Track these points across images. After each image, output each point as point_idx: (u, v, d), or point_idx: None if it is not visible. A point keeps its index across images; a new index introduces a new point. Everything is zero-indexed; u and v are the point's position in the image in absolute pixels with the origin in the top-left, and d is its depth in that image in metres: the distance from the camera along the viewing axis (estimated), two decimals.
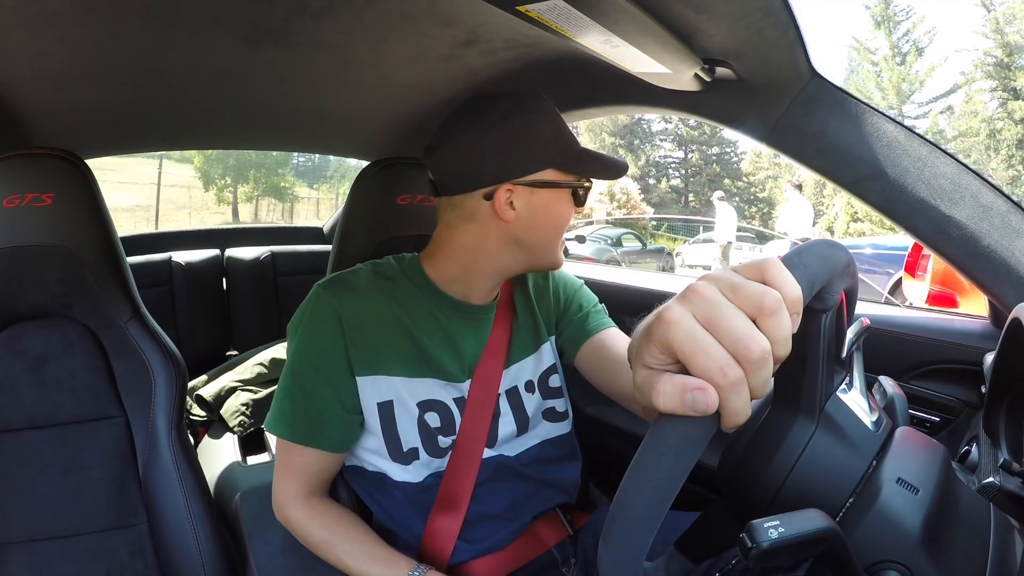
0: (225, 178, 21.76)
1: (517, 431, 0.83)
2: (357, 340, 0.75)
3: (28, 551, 0.88)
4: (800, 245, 0.37)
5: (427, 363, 0.78)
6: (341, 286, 0.77)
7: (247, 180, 22.34)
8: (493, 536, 0.80)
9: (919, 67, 21.84)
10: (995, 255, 0.72)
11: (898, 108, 21.81)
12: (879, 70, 22.40)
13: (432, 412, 0.78)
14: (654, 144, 31.42)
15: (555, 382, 0.89)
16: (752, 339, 0.30)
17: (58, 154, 0.93)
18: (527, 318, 0.88)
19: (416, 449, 0.77)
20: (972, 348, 0.87)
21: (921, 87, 21.89)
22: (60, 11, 0.76)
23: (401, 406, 0.76)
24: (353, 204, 1.08)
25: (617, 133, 30.49)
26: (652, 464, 0.32)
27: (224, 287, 2.13)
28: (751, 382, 0.30)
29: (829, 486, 0.43)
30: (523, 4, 0.57)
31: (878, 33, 22.16)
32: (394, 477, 0.78)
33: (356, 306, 0.76)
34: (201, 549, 0.93)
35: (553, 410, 0.87)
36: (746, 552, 0.35)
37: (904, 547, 0.40)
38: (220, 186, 21.74)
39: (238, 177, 21.99)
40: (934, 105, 21.47)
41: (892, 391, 0.55)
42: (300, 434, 0.75)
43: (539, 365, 0.88)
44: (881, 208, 0.78)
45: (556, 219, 0.76)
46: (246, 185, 22.56)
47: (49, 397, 0.92)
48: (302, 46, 0.94)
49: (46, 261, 0.92)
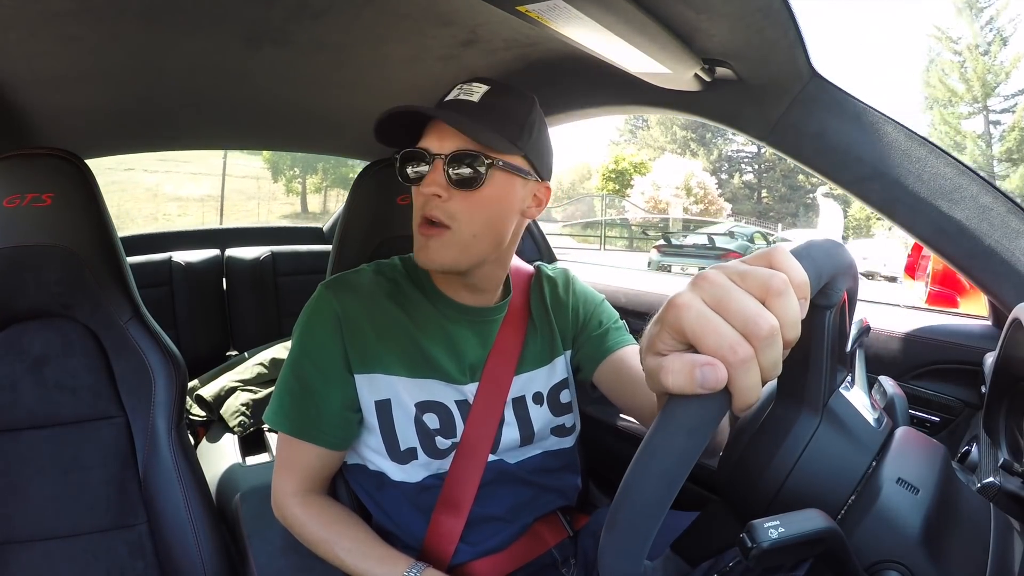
0: (294, 169, 21.68)
1: (520, 442, 0.82)
2: (355, 339, 0.75)
3: (28, 551, 0.88)
4: (807, 241, 0.38)
5: (428, 364, 0.78)
6: (342, 286, 0.77)
7: (315, 171, 22.16)
8: (494, 537, 0.80)
9: (1004, 57, 20.81)
10: (995, 255, 0.72)
11: (983, 101, 20.94)
12: (962, 60, 21.39)
13: (431, 413, 0.77)
14: (727, 138, 30.56)
15: (565, 397, 0.87)
16: (761, 316, 0.31)
17: (58, 154, 0.93)
18: (544, 328, 0.87)
19: (414, 449, 0.77)
20: (972, 348, 0.87)
21: (1007, 79, 20.89)
22: (60, 11, 0.76)
23: (398, 405, 0.76)
24: (353, 204, 1.08)
25: (688, 127, 29.64)
26: (662, 446, 0.31)
27: (224, 287, 2.13)
28: (761, 360, 0.31)
29: (831, 484, 0.43)
30: (523, 4, 0.57)
31: (960, 20, 21.23)
32: (392, 476, 0.78)
33: (356, 306, 0.76)
34: (201, 549, 0.93)
35: (562, 426, 0.86)
36: (746, 552, 0.35)
37: (904, 547, 0.40)
38: (289, 177, 21.81)
39: (307, 168, 21.82)
40: (1020, 99, 20.59)
41: (892, 391, 0.55)
42: (298, 428, 0.76)
43: (551, 378, 0.86)
44: (881, 208, 0.78)
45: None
46: (314, 176, 22.41)
47: (49, 397, 0.92)
48: (302, 46, 0.94)
49: (46, 261, 0.92)
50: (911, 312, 1.04)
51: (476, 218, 0.71)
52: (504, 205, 0.73)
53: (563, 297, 0.90)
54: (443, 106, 0.72)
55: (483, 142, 0.68)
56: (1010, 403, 0.64)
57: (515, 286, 0.87)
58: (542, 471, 0.85)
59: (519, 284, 0.88)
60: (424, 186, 0.69)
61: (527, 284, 0.89)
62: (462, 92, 0.72)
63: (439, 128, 0.70)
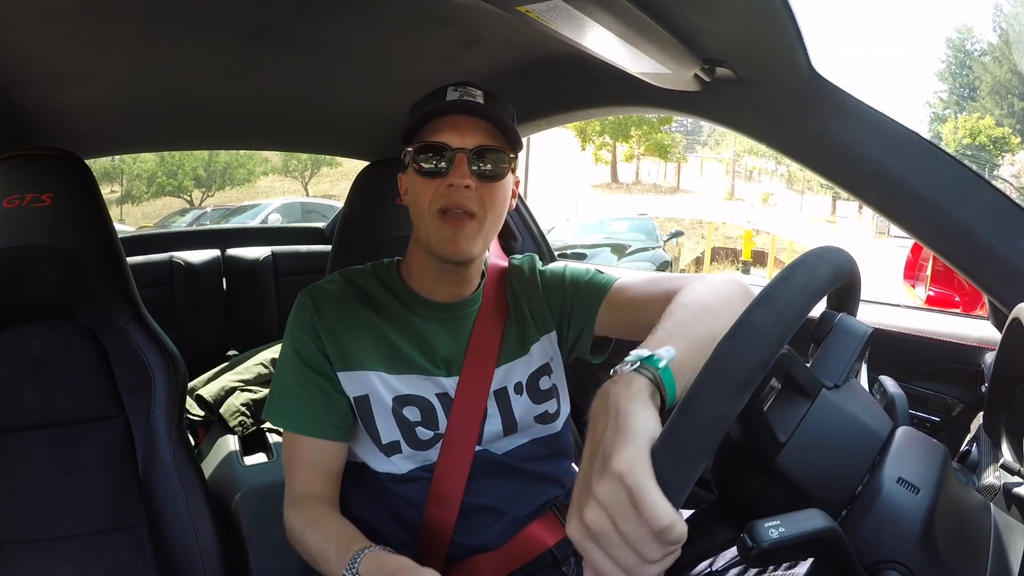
0: (603, 136, 19.57)
1: (504, 432, 0.83)
2: (332, 340, 0.79)
3: (28, 551, 0.88)
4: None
5: (403, 360, 0.80)
6: (317, 292, 0.83)
7: (628, 137, 19.73)
8: (489, 530, 0.81)
9: None
10: (995, 255, 0.72)
11: None
12: None
13: (411, 406, 0.80)
14: None
15: (545, 384, 0.87)
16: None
17: (58, 154, 0.93)
18: (519, 317, 0.88)
19: (397, 442, 0.79)
20: (972, 348, 0.87)
21: None
22: (61, 12, 0.76)
23: (376, 400, 0.79)
24: (352, 204, 1.09)
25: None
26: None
27: (224, 287, 2.13)
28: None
29: (832, 478, 0.43)
30: (523, 4, 0.57)
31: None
32: (378, 469, 0.80)
33: (329, 309, 0.81)
34: (201, 549, 0.93)
35: (545, 413, 0.87)
36: (746, 552, 0.35)
37: (904, 547, 0.40)
38: (598, 145, 19.92)
39: (617, 134, 19.46)
40: None
41: (892, 391, 0.55)
42: (295, 422, 0.79)
43: (528, 367, 0.87)
44: (881, 208, 0.78)
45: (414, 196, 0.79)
46: (628, 142, 20.12)
47: (49, 397, 0.92)
48: (302, 46, 0.95)
49: (46, 261, 0.92)
50: (911, 312, 1.04)
51: (495, 208, 0.78)
52: (508, 196, 0.81)
53: (530, 279, 0.90)
54: (454, 103, 0.76)
55: (511, 140, 0.77)
56: (1010, 403, 0.64)
57: (490, 279, 0.89)
58: (530, 459, 0.85)
59: (494, 277, 0.90)
60: (455, 178, 0.74)
61: (502, 277, 0.90)
62: (465, 94, 0.76)
63: (456, 123, 0.75)
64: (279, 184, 20.57)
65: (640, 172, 22.10)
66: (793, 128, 0.81)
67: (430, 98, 0.78)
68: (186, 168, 18.35)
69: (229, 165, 19.18)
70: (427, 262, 0.81)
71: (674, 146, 20.52)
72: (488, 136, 0.76)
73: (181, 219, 12.75)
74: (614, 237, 8.51)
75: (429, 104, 0.77)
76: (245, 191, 19.42)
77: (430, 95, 0.79)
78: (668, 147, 19.91)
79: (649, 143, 19.54)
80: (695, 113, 0.92)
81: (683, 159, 22.27)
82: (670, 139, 20.04)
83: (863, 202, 0.79)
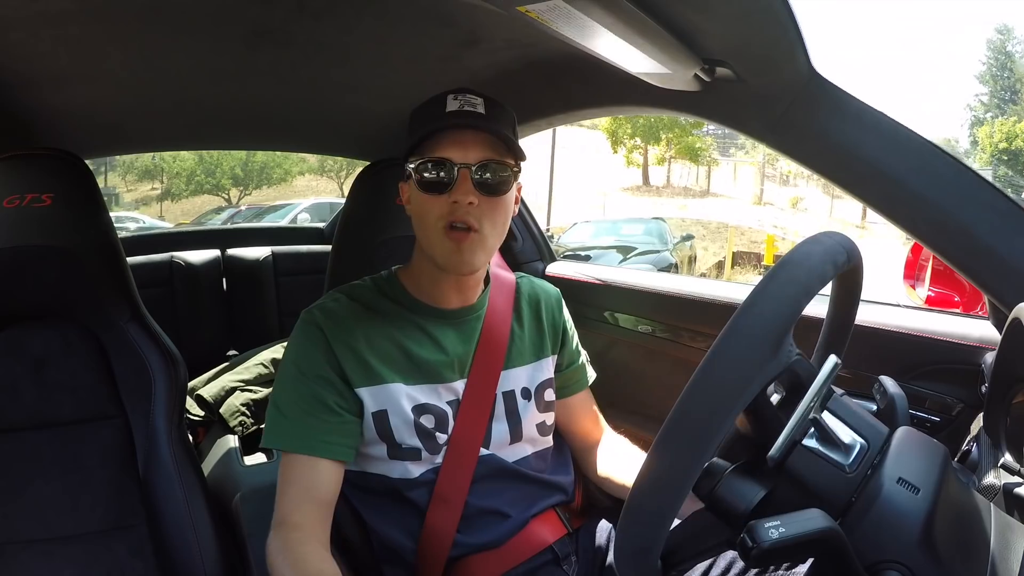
0: (634, 138, 19.71)
1: (511, 438, 0.84)
2: (347, 356, 0.77)
3: (28, 551, 0.88)
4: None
5: (419, 370, 0.80)
6: (323, 310, 0.80)
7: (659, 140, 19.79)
8: (491, 532, 0.81)
9: None
10: (995, 255, 0.72)
11: None
12: None
13: (428, 415, 0.79)
14: None
15: (550, 396, 0.90)
16: None
17: (58, 154, 0.93)
18: (532, 326, 0.90)
19: (419, 450, 0.78)
20: (972, 348, 0.87)
21: None
22: (60, 12, 0.76)
23: (395, 413, 0.78)
24: (352, 205, 1.09)
25: None
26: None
27: (224, 287, 2.13)
28: None
29: (831, 482, 0.43)
30: (523, 4, 0.57)
31: None
32: (391, 475, 0.79)
33: (340, 327, 0.78)
34: (201, 549, 0.93)
35: (544, 423, 0.89)
36: (746, 552, 0.35)
37: (904, 547, 0.40)
38: (629, 148, 19.99)
39: (648, 137, 19.61)
40: None
41: (892, 391, 0.55)
42: (292, 441, 0.75)
43: (536, 375, 0.88)
44: (881, 208, 0.78)
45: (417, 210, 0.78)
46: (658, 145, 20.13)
47: (49, 397, 0.92)
48: (302, 46, 0.95)
49: (46, 261, 0.92)
50: (911, 312, 1.03)
51: (498, 221, 0.78)
52: (511, 207, 0.80)
53: (557, 307, 0.94)
54: (454, 116, 0.76)
55: (514, 151, 0.76)
56: (1010, 403, 0.64)
57: (496, 286, 0.89)
58: (538, 469, 0.87)
59: (502, 284, 0.91)
60: (459, 194, 0.73)
61: (512, 285, 0.92)
62: (466, 103, 0.76)
63: (457, 137, 0.75)
64: (315, 183, 20.72)
65: (671, 175, 22.05)
66: (793, 128, 0.81)
67: (430, 106, 0.78)
68: (224, 167, 18.58)
69: (266, 165, 19.29)
70: (433, 272, 0.81)
71: (705, 149, 20.42)
72: (490, 149, 0.75)
73: (217, 217, 13.07)
74: (626, 239, 8.71)
75: (429, 112, 0.77)
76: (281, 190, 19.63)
77: (430, 102, 0.78)
78: (699, 150, 19.87)
79: (680, 146, 19.56)
80: (695, 113, 0.92)
81: (714, 163, 22.14)
82: (701, 142, 20.01)
83: (863, 202, 0.79)
